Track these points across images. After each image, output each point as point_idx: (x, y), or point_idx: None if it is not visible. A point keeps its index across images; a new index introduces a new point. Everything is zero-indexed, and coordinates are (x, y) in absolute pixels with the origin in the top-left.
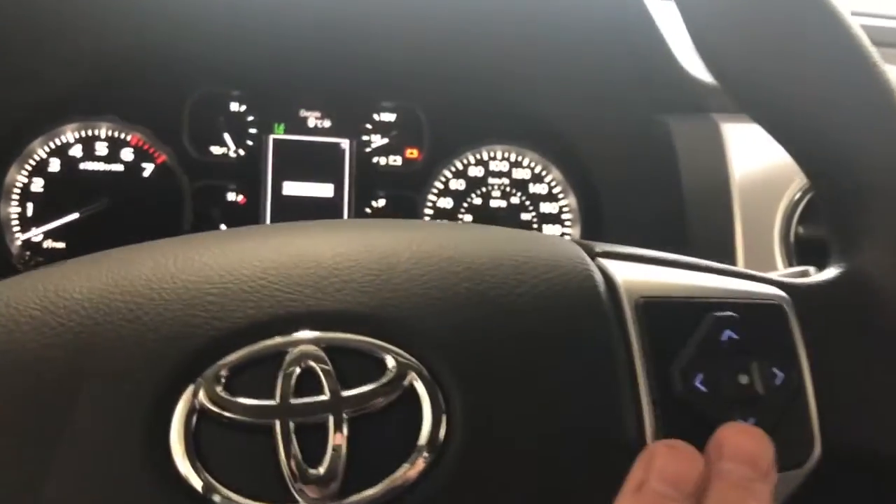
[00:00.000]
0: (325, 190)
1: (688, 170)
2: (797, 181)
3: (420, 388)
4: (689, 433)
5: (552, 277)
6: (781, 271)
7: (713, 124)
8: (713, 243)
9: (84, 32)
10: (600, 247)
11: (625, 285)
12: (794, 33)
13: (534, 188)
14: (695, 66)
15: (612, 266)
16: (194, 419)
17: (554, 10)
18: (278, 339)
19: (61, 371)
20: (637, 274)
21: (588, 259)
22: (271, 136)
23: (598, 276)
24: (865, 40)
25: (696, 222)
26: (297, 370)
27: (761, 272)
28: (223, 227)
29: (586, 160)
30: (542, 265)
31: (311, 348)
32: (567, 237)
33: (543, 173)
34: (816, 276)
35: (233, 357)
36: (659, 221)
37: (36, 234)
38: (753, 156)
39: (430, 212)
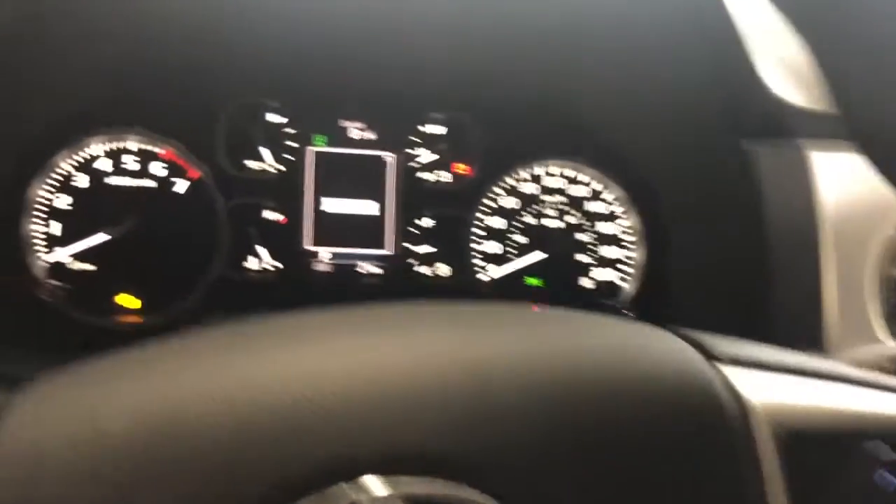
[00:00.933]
0: (368, 207)
1: (771, 200)
2: (894, 217)
3: None
4: None
5: (666, 397)
6: None
7: (801, 151)
8: (799, 283)
9: (110, 40)
10: (721, 348)
11: (762, 410)
12: None
13: (591, 207)
14: (782, 86)
15: (740, 379)
16: None
17: (624, 18)
18: (343, 487)
19: None
20: (772, 391)
21: (707, 368)
22: (312, 149)
23: (725, 395)
24: None
25: (780, 258)
26: None
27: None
28: (261, 250)
29: (652, 180)
30: (651, 381)
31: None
32: (625, 293)
33: (603, 191)
34: None
35: None
36: (736, 253)
37: (62, 255)
38: (845, 187)
39: (481, 232)
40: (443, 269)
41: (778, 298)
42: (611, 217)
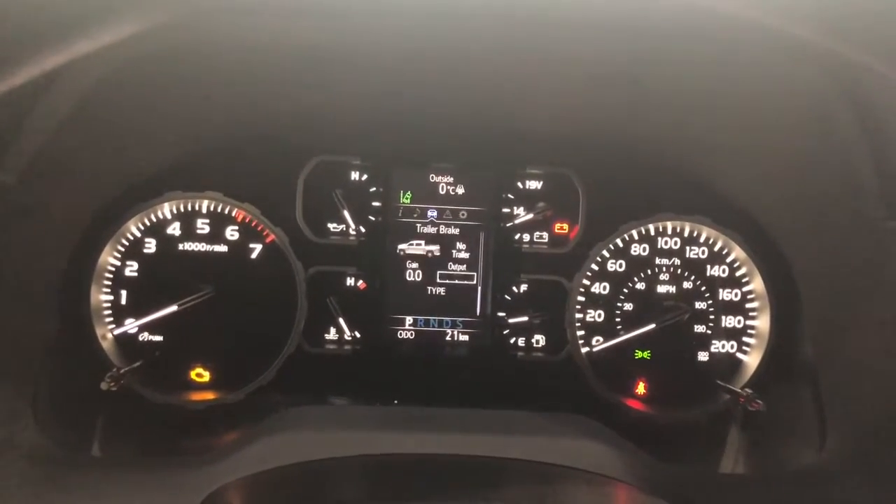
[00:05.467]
0: (458, 271)
1: None
2: None
3: None
4: None
5: None
6: None
7: None
8: None
9: (184, 103)
10: None
11: None
12: None
13: (712, 270)
14: None
15: None
16: None
17: (771, 71)
18: None
19: None
20: None
21: None
22: (396, 207)
23: None
24: None
25: None
26: None
27: None
28: (341, 321)
29: (781, 243)
30: None
31: None
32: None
33: (724, 252)
34: None
35: None
36: (883, 349)
37: (131, 326)
38: None
39: (582, 299)
40: (539, 340)
41: None
42: (731, 282)
